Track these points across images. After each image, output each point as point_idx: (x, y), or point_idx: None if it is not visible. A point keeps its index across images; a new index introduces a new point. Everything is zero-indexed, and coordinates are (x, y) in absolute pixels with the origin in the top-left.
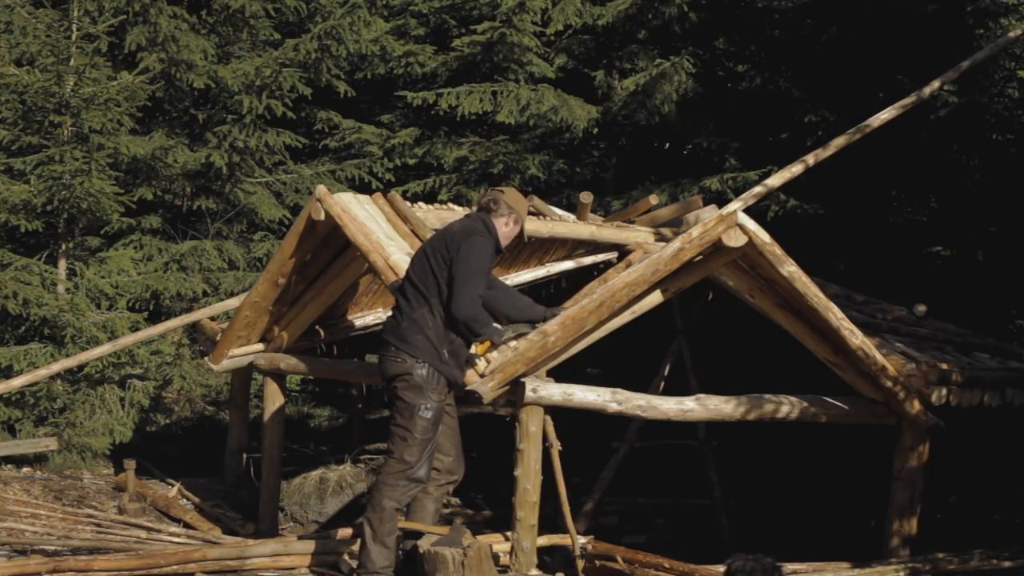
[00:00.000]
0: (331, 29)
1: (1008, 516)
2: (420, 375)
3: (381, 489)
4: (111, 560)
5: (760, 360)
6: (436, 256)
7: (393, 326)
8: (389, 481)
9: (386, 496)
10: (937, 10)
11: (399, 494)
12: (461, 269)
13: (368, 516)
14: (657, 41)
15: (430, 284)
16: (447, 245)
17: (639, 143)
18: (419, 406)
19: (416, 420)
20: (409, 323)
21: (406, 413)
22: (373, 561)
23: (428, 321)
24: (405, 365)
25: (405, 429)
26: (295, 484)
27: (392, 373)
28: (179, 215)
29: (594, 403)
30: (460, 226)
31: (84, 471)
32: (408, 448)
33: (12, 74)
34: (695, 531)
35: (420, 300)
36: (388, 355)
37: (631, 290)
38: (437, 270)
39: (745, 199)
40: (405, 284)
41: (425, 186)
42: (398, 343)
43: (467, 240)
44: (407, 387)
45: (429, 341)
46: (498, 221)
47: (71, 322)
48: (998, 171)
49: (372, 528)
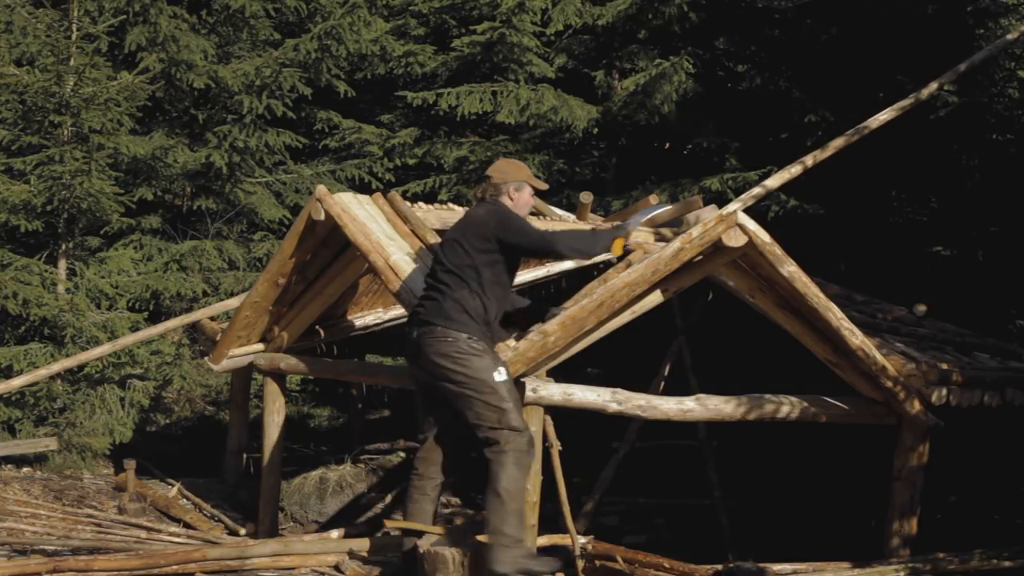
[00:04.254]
0: (331, 29)
1: (1008, 516)
2: (474, 345)
3: (507, 467)
4: (111, 560)
5: (760, 360)
6: (471, 242)
7: (435, 308)
8: (512, 458)
9: (518, 468)
10: (937, 10)
11: (528, 462)
12: (515, 235)
13: (505, 487)
14: (657, 41)
15: (467, 269)
16: (479, 231)
17: (639, 143)
18: (491, 373)
19: (497, 387)
20: (452, 303)
21: (483, 388)
22: (515, 529)
23: (469, 301)
24: (458, 343)
25: (492, 404)
26: (295, 484)
27: (443, 351)
28: (179, 215)
29: (594, 403)
30: (483, 211)
31: (84, 471)
32: (510, 415)
33: (12, 74)
34: (695, 531)
35: (459, 282)
36: (434, 336)
37: (631, 290)
38: (474, 255)
39: (744, 199)
40: (438, 271)
41: (425, 186)
42: (444, 322)
43: (495, 216)
44: (469, 358)
45: (472, 320)
46: (506, 200)
47: (71, 322)
48: (998, 171)
49: (513, 498)
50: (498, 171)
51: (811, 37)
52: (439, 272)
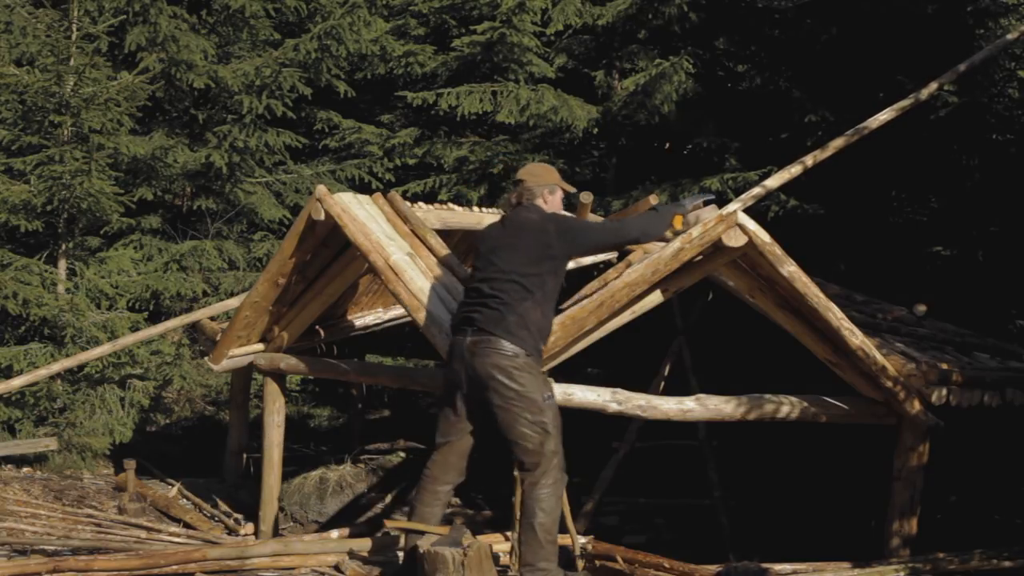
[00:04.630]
0: (331, 29)
1: (1008, 516)
2: (531, 363)
3: (542, 501)
4: (111, 560)
5: (760, 360)
6: (534, 250)
7: (495, 318)
8: (547, 491)
9: (554, 498)
10: (937, 10)
11: (561, 491)
12: (582, 235)
13: (540, 522)
14: (657, 41)
15: (531, 278)
16: (541, 238)
17: (639, 143)
18: (542, 393)
19: (546, 409)
20: (515, 316)
21: (532, 408)
22: (549, 562)
23: (531, 313)
24: (517, 358)
25: (537, 425)
26: (295, 484)
27: (499, 363)
28: (179, 215)
29: (594, 403)
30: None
31: (84, 471)
32: (552, 439)
33: (12, 74)
34: (695, 531)
35: (522, 292)
36: (491, 346)
37: (631, 290)
38: (539, 263)
39: (744, 200)
40: (496, 278)
41: (425, 186)
42: (504, 335)
43: (553, 222)
44: (524, 374)
45: (531, 335)
46: (540, 203)
47: (71, 322)
48: (998, 171)
49: (547, 532)
50: (531, 175)
51: (811, 37)
52: (498, 280)
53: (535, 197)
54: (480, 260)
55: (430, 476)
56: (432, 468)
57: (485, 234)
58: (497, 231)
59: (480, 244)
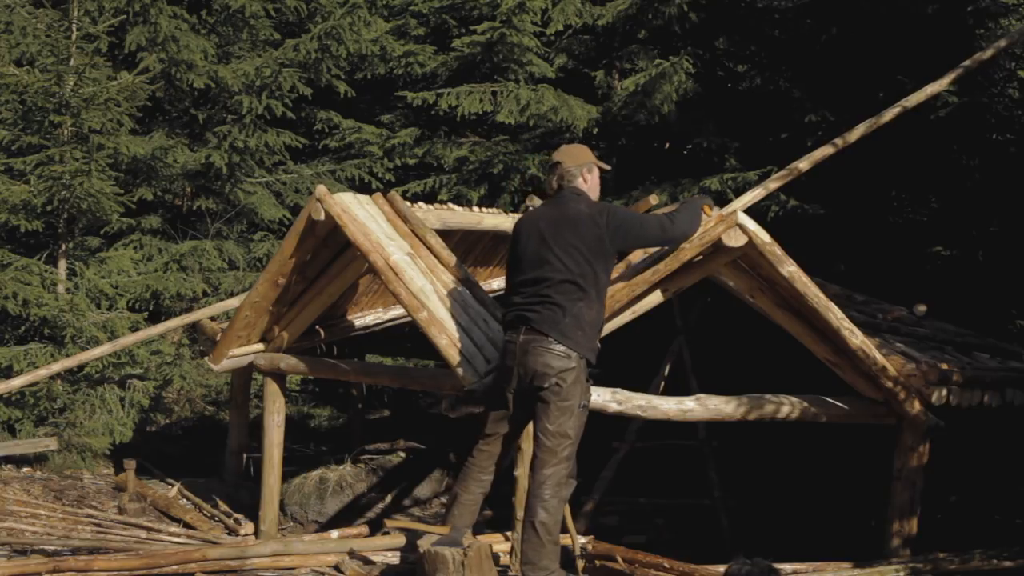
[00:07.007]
0: (331, 29)
1: (1008, 516)
2: (582, 367)
3: (546, 501)
4: (111, 560)
5: (760, 360)
6: (586, 244)
7: (551, 319)
8: (550, 490)
9: (556, 499)
10: (937, 10)
11: (565, 494)
12: (635, 229)
13: (542, 521)
14: (657, 41)
15: (587, 274)
16: (592, 231)
17: (639, 143)
18: (580, 401)
19: (576, 416)
20: (570, 318)
21: (567, 411)
22: (551, 560)
23: (587, 314)
24: (570, 359)
25: (566, 427)
26: (295, 484)
27: (553, 364)
28: (179, 215)
29: (594, 403)
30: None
31: (84, 471)
32: (570, 445)
33: (12, 74)
34: (695, 531)
35: (577, 291)
36: (546, 347)
37: (631, 290)
38: (592, 259)
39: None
40: (551, 277)
41: (425, 186)
42: (560, 337)
43: (605, 214)
44: (570, 381)
45: (587, 336)
46: (580, 183)
47: (71, 322)
48: (998, 171)
49: (548, 532)
50: (567, 155)
51: (811, 37)
52: (552, 279)
53: (575, 178)
54: (528, 251)
55: (474, 470)
56: (480, 460)
57: (530, 224)
58: (545, 223)
59: (524, 233)
